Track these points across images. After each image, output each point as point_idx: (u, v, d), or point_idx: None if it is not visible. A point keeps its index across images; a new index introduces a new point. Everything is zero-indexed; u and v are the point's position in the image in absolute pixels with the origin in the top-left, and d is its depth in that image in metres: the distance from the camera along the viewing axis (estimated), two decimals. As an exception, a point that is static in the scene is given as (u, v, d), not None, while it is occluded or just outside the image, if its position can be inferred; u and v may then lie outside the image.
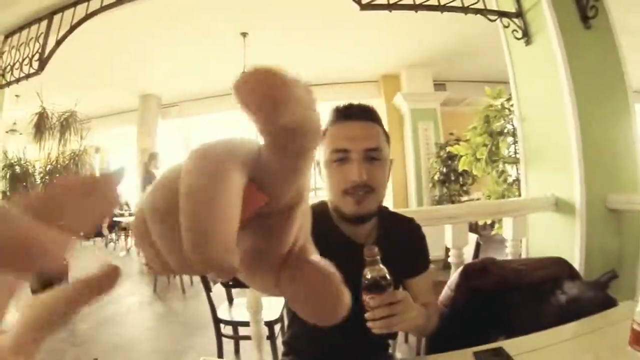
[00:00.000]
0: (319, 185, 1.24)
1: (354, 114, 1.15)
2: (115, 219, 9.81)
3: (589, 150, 2.47)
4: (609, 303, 1.40)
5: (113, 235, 10.08)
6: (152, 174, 7.20)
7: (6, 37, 3.99)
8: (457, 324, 1.47)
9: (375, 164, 1.12)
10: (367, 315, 0.95)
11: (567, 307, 1.40)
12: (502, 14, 2.93)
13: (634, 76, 2.75)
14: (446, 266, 4.04)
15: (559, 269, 1.63)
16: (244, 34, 5.64)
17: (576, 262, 2.41)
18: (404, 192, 7.64)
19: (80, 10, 3.33)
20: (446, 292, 1.59)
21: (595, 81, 2.61)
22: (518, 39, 2.91)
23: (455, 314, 1.50)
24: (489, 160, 3.42)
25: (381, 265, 0.94)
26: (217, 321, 2.82)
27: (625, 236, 2.54)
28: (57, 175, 5.03)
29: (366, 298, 0.94)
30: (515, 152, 3.42)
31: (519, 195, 3.28)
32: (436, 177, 6.82)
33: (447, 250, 4.25)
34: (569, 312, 1.34)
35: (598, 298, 1.42)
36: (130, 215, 9.89)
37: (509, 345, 1.10)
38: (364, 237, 1.22)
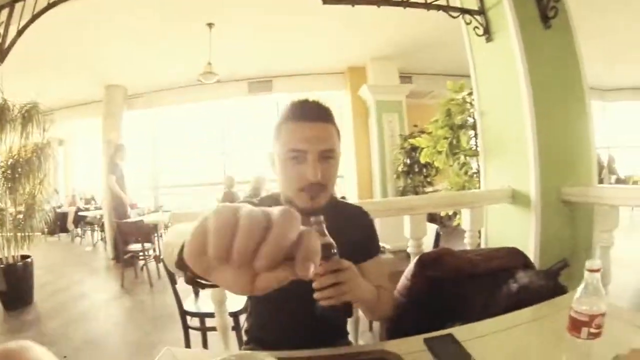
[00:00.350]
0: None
1: (311, 115, 1.19)
2: (80, 213, 9.70)
3: (545, 144, 2.58)
4: (560, 291, 1.48)
5: (79, 230, 9.89)
6: (118, 165, 7.11)
7: (-35, 26, 3.87)
8: (413, 312, 1.53)
9: (329, 162, 1.20)
10: (314, 284, 0.99)
11: (518, 295, 1.46)
12: (464, 11, 3.00)
13: (591, 74, 2.87)
14: (409, 257, 4.16)
15: (514, 259, 1.70)
16: (210, 25, 5.59)
17: (531, 252, 2.52)
18: (368, 182, 7.74)
19: (42, -2, 3.26)
20: (403, 281, 1.64)
21: (553, 78, 2.71)
22: (479, 35, 2.99)
23: (411, 303, 1.56)
24: (450, 152, 3.51)
25: (326, 234, 0.97)
26: (183, 313, 2.84)
27: (579, 227, 2.66)
28: (20, 169, 4.90)
29: None
30: (476, 145, 3.51)
31: (480, 187, 3.38)
32: (400, 169, 6.93)
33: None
34: (520, 300, 1.40)
35: (549, 286, 1.49)
36: (95, 209, 9.76)
37: (459, 331, 1.17)
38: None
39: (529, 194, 2.62)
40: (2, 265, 4.73)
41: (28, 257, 4.99)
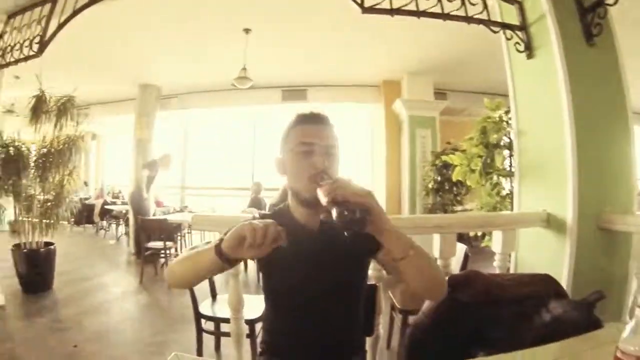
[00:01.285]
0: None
1: (315, 119, 1.35)
2: (107, 207, 9.84)
3: (585, 168, 2.45)
4: (594, 324, 1.38)
5: (104, 223, 10.05)
6: (157, 170, 7.24)
7: (9, 17, 3.97)
8: (436, 334, 1.45)
9: (332, 157, 1.32)
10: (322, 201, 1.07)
11: (549, 326, 1.38)
12: (505, 26, 2.90)
13: (634, 98, 2.74)
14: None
15: (546, 286, 1.61)
16: (247, 30, 5.60)
17: (564, 280, 2.38)
18: (397, 198, 7.63)
19: (84, -6, 3.29)
20: (428, 302, 1.57)
21: (596, 99, 2.58)
22: (520, 51, 2.88)
23: (435, 325, 1.48)
24: (483, 172, 3.40)
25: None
26: (198, 316, 2.80)
27: (615, 257, 2.51)
28: (51, 158, 5.01)
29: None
30: (510, 166, 3.39)
31: (512, 208, 3.26)
32: (430, 185, 6.80)
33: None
34: (552, 331, 1.32)
35: (583, 318, 1.40)
36: (122, 204, 9.90)
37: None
38: (317, 224, 1.35)
39: (565, 218, 2.49)
40: (25, 250, 4.86)
41: (51, 244, 5.11)
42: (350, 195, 1.02)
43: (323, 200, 1.07)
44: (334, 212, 1.01)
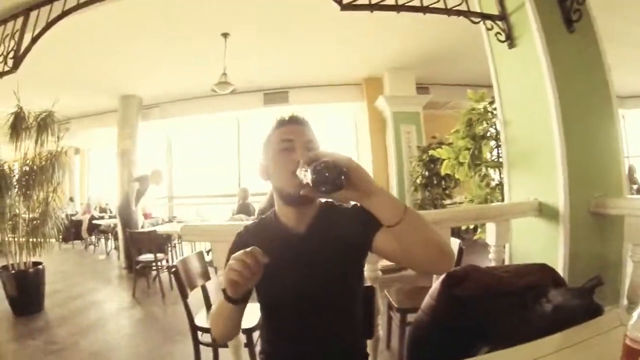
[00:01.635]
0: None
1: (293, 121, 1.36)
2: (94, 222, 9.72)
3: (573, 154, 2.45)
4: (595, 310, 1.37)
5: (93, 238, 9.92)
6: (148, 186, 7.19)
7: (-20, 34, 3.88)
8: (438, 333, 1.43)
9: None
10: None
11: (552, 316, 1.36)
12: (485, 16, 2.91)
13: (616, 81, 2.75)
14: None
15: (543, 275, 1.60)
16: (225, 35, 5.56)
17: (560, 268, 2.38)
18: (385, 195, 7.61)
19: (57, 7, 3.24)
20: (427, 300, 1.55)
21: (579, 85, 2.60)
22: (501, 41, 2.89)
23: (436, 323, 1.46)
24: (472, 164, 3.39)
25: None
26: (194, 328, 2.74)
27: (609, 241, 2.52)
28: (34, 176, 4.91)
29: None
30: (498, 156, 3.40)
31: (502, 199, 3.26)
32: (418, 181, 6.80)
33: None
34: (555, 321, 1.30)
35: (583, 305, 1.38)
36: (110, 217, 9.78)
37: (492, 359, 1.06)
38: (304, 225, 1.33)
39: (557, 206, 2.49)
40: (13, 271, 4.74)
41: (40, 263, 4.99)
42: (327, 154, 1.06)
43: (301, 171, 1.09)
44: (310, 172, 1.00)
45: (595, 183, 2.54)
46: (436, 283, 1.56)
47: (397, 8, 2.72)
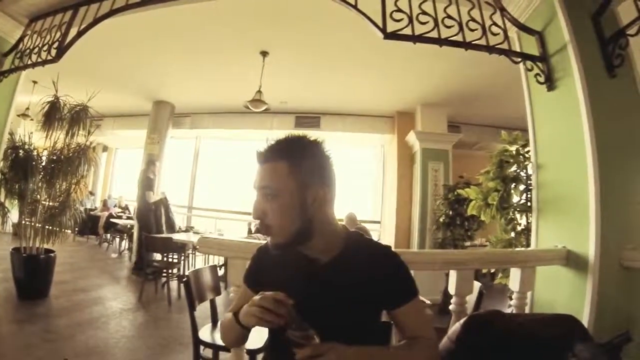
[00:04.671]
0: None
1: (260, 159, 1.25)
2: (112, 220, 9.79)
3: (607, 203, 2.35)
4: None
5: (108, 236, 10.00)
6: (152, 180, 7.21)
7: (31, 21, 3.99)
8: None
9: (269, 200, 1.20)
10: None
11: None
12: (526, 57, 2.86)
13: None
14: (443, 311, 3.89)
15: (570, 327, 1.51)
16: (264, 53, 5.61)
17: (585, 321, 2.26)
18: (407, 231, 7.52)
19: (106, 5, 3.30)
20: (445, 342, 1.47)
21: (618, 132, 2.52)
22: (541, 83, 2.83)
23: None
24: (500, 206, 3.29)
25: (299, 319, 1.06)
26: (197, 342, 2.66)
27: (638, 297, 2.39)
28: (60, 165, 5.00)
29: (295, 350, 1.04)
30: (527, 201, 3.29)
31: (527, 244, 3.14)
32: (442, 220, 6.67)
33: (445, 294, 4.14)
34: None
35: None
36: (128, 218, 9.85)
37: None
38: (328, 255, 1.27)
39: (586, 256, 2.37)
40: (24, 254, 4.80)
41: (52, 251, 5.05)
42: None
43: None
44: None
45: (629, 235, 2.43)
46: (457, 325, 1.47)
47: (439, 41, 2.69)
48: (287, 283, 1.17)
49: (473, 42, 2.73)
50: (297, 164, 1.20)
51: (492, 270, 3.46)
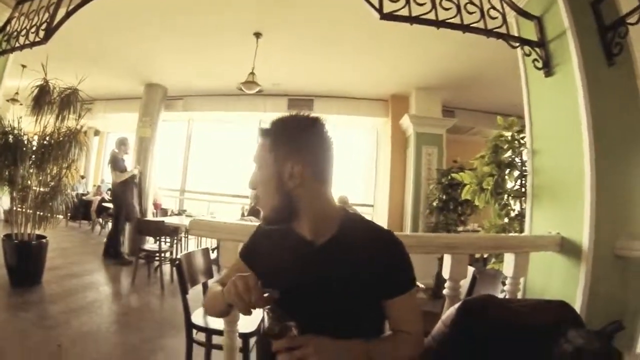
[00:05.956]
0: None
1: (260, 133, 1.30)
2: (104, 204, 9.75)
3: (603, 191, 2.35)
4: (615, 356, 1.32)
5: (100, 220, 9.97)
6: (123, 160, 7.04)
7: (18, 3, 3.89)
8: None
9: (257, 172, 1.29)
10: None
11: (570, 357, 1.28)
12: (524, 42, 2.83)
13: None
14: (435, 295, 3.90)
15: (563, 313, 1.51)
16: (258, 35, 5.54)
17: (577, 307, 2.27)
18: (399, 215, 7.55)
19: (95, -15, 3.23)
20: (439, 327, 1.46)
21: (615, 120, 2.50)
22: (539, 68, 2.80)
23: (446, 353, 1.37)
24: (494, 192, 3.29)
25: (277, 312, 1.05)
26: (190, 326, 2.66)
27: (631, 285, 2.40)
28: (50, 150, 4.94)
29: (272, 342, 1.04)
30: (521, 187, 3.29)
31: (521, 230, 3.15)
32: (435, 204, 6.68)
33: (437, 278, 4.15)
34: None
35: (604, 349, 1.31)
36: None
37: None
38: (322, 238, 1.26)
39: (580, 244, 2.37)
40: (16, 241, 4.76)
41: (44, 237, 5.00)
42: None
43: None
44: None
45: (623, 223, 2.43)
46: (451, 309, 1.47)
47: (437, 23, 2.64)
48: (280, 264, 1.23)
49: (471, 25, 2.69)
50: (278, 140, 1.24)
51: (485, 256, 3.46)
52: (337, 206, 1.32)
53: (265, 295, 1.04)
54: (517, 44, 2.85)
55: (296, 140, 1.24)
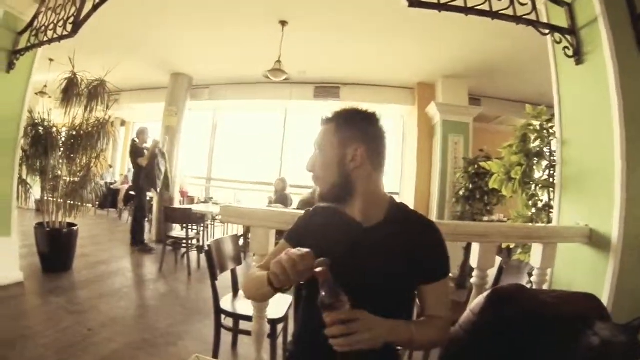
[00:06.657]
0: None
1: (321, 123, 1.41)
2: (131, 192, 9.91)
3: (634, 183, 2.29)
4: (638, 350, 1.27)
5: (128, 208, 10.19)
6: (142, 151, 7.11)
7: (44, -3, 3.96)
8: (474, 351, 1.34)
9: (318, 154, 1.38)
10: (325, 330, 1.06)
11: (597, 350, 1.26)
12: (554, 29, 2.76)
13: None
14: (459, 285, 3.88)
15: (590, 305, 1.49)
16: (284, 23, 5.52)
17: (604, 300, 2.23)
18: (426, 204, 7.47)
19: (122, -22, 3.26)
20: (468, 315, 1.46)
21: (647, 110, 2.43)
22: (569, 56, 2.74)
23: (474, 341, 1.37)
24: (522, 181, 3.24)
25: (333, 284, 1.06)
26: (218, 311, 2.71)
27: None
28: (79, 140, 5.07)
29: (324, 314, 1.06)
30: (549, 177, 3.23)
31: (548, 221, 3.10)
32: (461, 193, 6.60)
33: (462, 268, 4.13)
34: (599, 355, 1.23)
35: (630, 343, 1.27)
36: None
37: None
38: (372, 220, 1.34)
39: (609, 236, 2.33)
40: (48, 229, 4.90)
41: (74, 225, 5.16)
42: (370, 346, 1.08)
43: (326, 330, 1.08)
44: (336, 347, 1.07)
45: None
46: (479, 298, 1.46)
47: (466, 10, 2.60)
48: (330, 245, 1.25)
49: (500, 12, 2.64)
50: (341, 125, 1.35)
51: (512, 246, 3.43)
52: (386, 193, 1.40)
53: (319, 261, 1.07)
54: (547, 31, 2.79)
55: (359, 127, 1.34)
